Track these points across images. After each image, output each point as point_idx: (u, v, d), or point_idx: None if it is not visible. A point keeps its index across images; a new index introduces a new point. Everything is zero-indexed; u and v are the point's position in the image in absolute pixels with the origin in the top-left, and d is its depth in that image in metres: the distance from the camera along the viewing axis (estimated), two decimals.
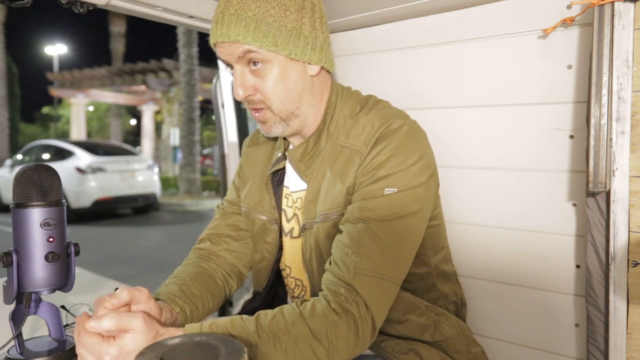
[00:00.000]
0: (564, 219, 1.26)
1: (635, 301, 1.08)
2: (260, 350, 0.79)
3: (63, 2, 1.21)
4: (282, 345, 0.80)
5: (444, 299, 1.10)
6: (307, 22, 0.95)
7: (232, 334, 0.79)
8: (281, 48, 0.92)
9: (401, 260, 0.92)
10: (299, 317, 0.83)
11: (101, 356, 0.74)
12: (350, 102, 1.04)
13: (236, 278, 1.18)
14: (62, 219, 0.86)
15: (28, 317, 0.87)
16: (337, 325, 0.83)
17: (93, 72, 19.10)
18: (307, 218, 1.02)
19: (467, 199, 1.43)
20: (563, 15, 1.18)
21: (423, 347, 1.01)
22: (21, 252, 0.83)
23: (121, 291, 0.82)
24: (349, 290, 0.87)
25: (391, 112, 1.00)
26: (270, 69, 0.94)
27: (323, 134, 1.03)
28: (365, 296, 0.86)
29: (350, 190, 0.96)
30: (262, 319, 0.83)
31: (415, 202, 0.93)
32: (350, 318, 0.84)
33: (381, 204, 0.91)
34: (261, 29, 0.90)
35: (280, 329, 0.81)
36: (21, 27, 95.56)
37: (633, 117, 1.05)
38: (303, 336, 0.81)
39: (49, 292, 0.87)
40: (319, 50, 0.98)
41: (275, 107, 0.97)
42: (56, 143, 10.55)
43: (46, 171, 0.85)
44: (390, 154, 0.93)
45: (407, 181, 0.92)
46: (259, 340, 0.79)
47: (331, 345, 0.82)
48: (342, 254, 0.90)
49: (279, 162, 1.10)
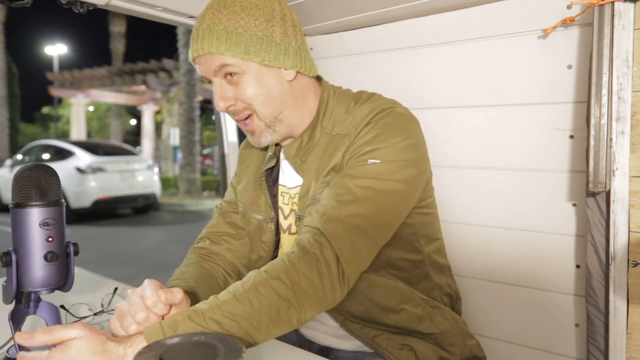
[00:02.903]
0: (564, 219, 1.26)
1: (635, 301, 1.08)
2: (222, 309, 0.76)
3: (63, 2, 1.21)
4: (243, 296, 0.78)
5: (438, 289, 1.10)
6: (278, 30, 0.98)
7: (194, 310, 0.77)
8: (254, 55, 0.95)
9: (376, 215, 0.91)
10: (255, 271, 0.83)
11: None
12: (343, 99, 1.07)
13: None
14: (62, 218, 0.86)
15: (27, 317, 0.87)
16: (296, 264, 0.82)
17: (93, 72, 19.10)
18: (301, 209, 1.04)
19: (467, 199, 1.43)
20: (563, 15, 1.18)
21: (417, 342, 1.02)
22: (20, 251, 0.83)
23: (177, 291, 0.84)
24: (313, 233, 0.87)
25: (383, 101, 1.02)
26: (246, 78, 0.97)
27: (317, 129, 1.05)
28: (330, 236, 0.85)
29: (337, 168, 0.98)
30: (222, 292, 0.82)
31: (397, 173, 0.93)
32: (311, 257, 0.83)
33: (363, 170, 0.92)
34: (232, 39, 0.94)
35: (238, 286, 0.81)
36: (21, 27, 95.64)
37: (633, 117, 1.05)
38: (262, 281, 0.80)
39: (48, 292, 0.87)
40: (292, 55, 1.00)
41: (259, 110, 0.99)
42: (56, 143, 10.55)
43: (45, 171, 0.85)
44: (378, 132, 0.95)
45: (390, 155, 0.93)
46: (219, 301, 0.78)
47: (294, 282, 0.80)
48: (318, 206, 0.92)
49: (270, 160, 1.12)
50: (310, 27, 1.59)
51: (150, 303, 0.82)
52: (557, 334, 1.32)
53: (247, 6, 0.96)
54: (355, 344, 1.08)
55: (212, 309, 0.77)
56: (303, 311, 0.81)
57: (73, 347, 0.72)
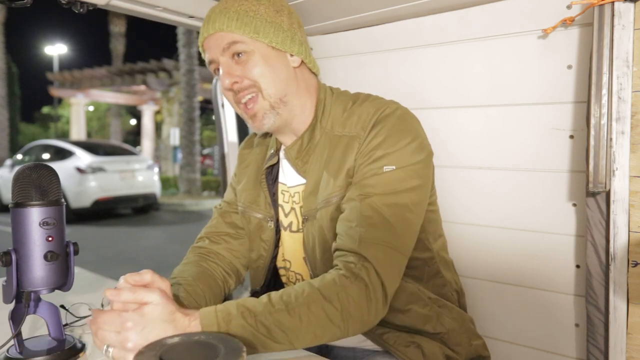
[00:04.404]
0: (564, 219, 1.26)
1: (635, 301, 1.08)
2: (274, 317, 0.80)
3: (63, 2, 1.21)
4: (296, 310, 0.81)
5: (449, 286, 1.12)
6: (286, 20, 1.03)
7: (247, 307, 0.81)
8: (262, 36, 0.99)
9: (405, 231, 0.94)
10: (309, 285, 0.85)
11: (123, 324, 0.76)
12: (341, 99, 1.08)
13: (234, 276, 1.19)
14: (61, 218, 0.86)
15: (27, 317, 0.87)
16: (348, 288, 0.85)
17: (93, 72, 19.09)
18: (308, 209, 1.04)
19: (467, 199, 1.43)
20: (563, 15, 1.18)
21: (424, 340, 1.02)
22: (20, 251, 0.83)
23: (146, 272, 0.85)
24: (357, 257, 0.89)
25: (384, 101, 1.05)
26: (254, 57, 1.00)
27: (317, 129, 1.06)
28: (374, 262, 0.88)
29: (350, 172, 0.99)
30: (274, 294, 0.85)
31: (414, 178, 0.96)
32: (362, 282, 0.86)
33: (381, 180, 0.94)
34: (243, 19, 0.99)
35: (292, 297, 0.83)
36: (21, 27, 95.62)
37: (633, 117, 1.05)
38: (314, 300, 0.83)
39: (48, 292, 0.87)
40: (298, 44, 1.04)
41: (265, 88, 1.01)
42: (56, 143, 10.54)
43: (45, 170, 0.85)
44: (386, 135, 0.97)
45: (404, 159, 0.96)
46: (272, 308, 0.81)
47: (344, 307, 0.84)
48: (346, 228, 0.93)
49: (272, 158, 1.13)
50: (310, 27, 1.59)
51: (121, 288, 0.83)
52: (557, 334, 1.32)
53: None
54: (354, 340, 1.09)
55: (264, 313, 0.81)
56: (346, 332, 0.86)
57: (147, 312, 0.77)
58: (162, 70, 16.98)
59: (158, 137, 22.67)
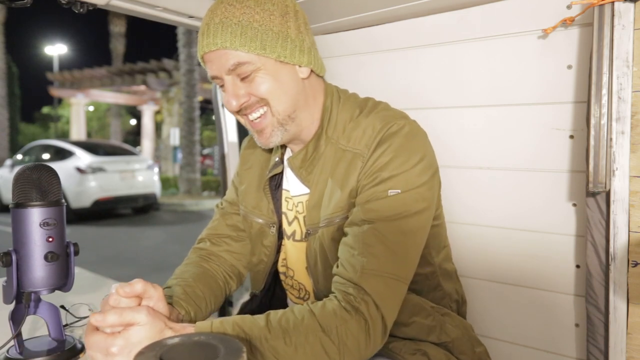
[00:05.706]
0: (564, 219, 1.26)
1: (635, 301, 1.08)
2: (270, 344, 0.79)
3: (63, 2, 1.21)
4: (292, 339, 0.80)
5: (448, 297, 1.11)
6: (292, 25, 0.95)
7: (243, 329, 0.79)
8: (270, 51, 0.92)
9: (408, 259, 0.92)
10: (309, 314, 0.84)
11: (108, 349, 0.74)
12: (348, 106, 1.03)
13: (236, 278, 1.18)
14: (62, 218, 0.86)
15: (27, 317, 0.87)
16: (347, 322, 0.83)
17: (93, 72, 19.10)
18: (311, 223, 1.02)
19: (467, 199, 1.43)
20: (563, 15, 1.18)
21: (430, 347, 1.02)
22: (21, 252, 0.83)
23: (137, 282, 0.83)
24: (357, 290, 0.86)
25: (391, 114, 1.00)
26: (261, 74, 0.93)
27: (322, 139, 1.02)
28: (374, 295, 0.86)
29: (352, 193, 0.96)
30: (272, 316, 0.83)
31: (419, 201, 0.93)
32: (361, 316, 0.84)
33: (385, 205, 0.91)
34: (248, 33, 0.90)
35: (290, 324, 0.82)
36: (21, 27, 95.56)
37: (633, 117, 1.05)
38: (313, 330, 0.81)
39: (48, 292, 0.87)
40: (307, 53, 0.97)
41: (274, 105, 0.95)
42: (56, 143, 10.55)
43: (45, 171, 0.85)
44: (392, 155, 0.93)
45: (410, 182, 0.93)
46: (269, 334, 0.80)
47: (341, 342, 0.82)
48: (348, 256, 0.90)
49: (276, 167, 1.09)
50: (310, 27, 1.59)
51: (112, 302, 0.81)
52: (557, 334, 1.32)
53: (261, 1, 0.93)
54: None
55: (260, 338, 0.79)
56: None
57: (133, 334, 0.75)
58: (162, 70, 16.98)
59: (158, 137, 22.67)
